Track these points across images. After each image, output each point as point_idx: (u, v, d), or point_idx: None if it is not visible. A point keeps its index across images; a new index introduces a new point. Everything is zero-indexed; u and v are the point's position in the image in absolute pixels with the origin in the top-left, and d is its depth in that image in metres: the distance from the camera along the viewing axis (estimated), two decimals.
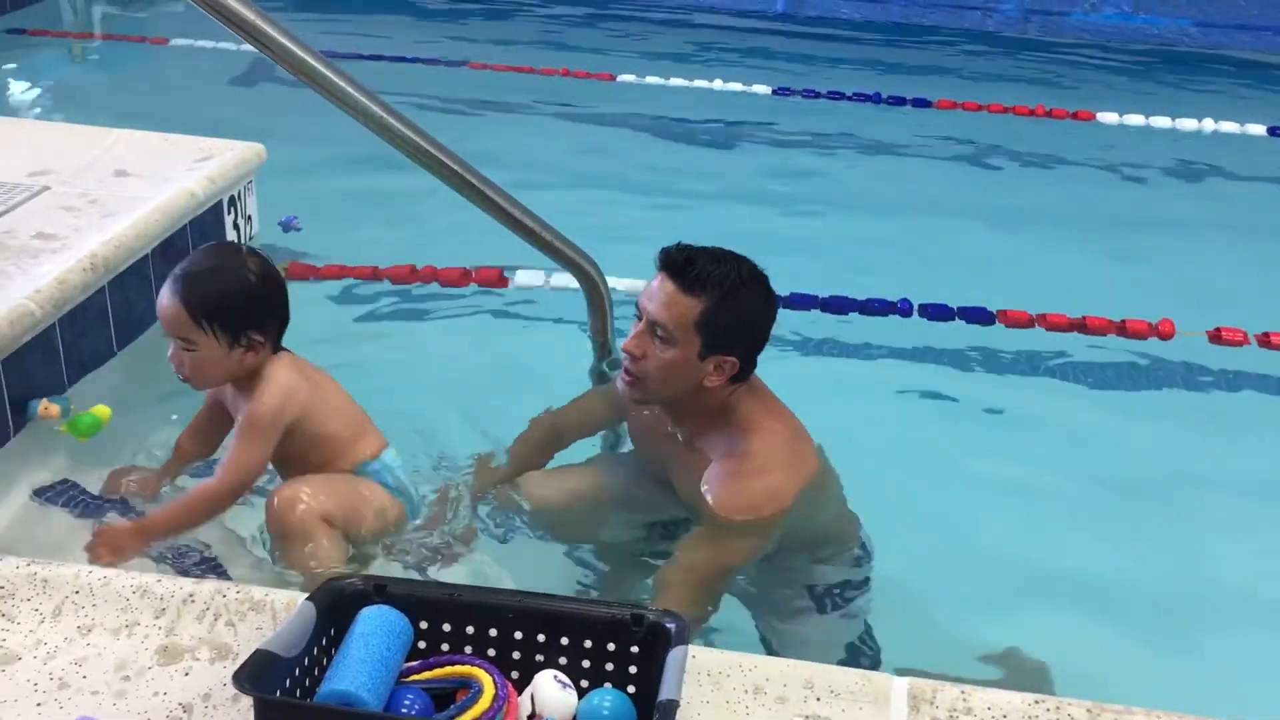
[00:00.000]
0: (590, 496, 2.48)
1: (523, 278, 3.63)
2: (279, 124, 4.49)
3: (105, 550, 2.17)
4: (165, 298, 2.18)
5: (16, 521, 2.37)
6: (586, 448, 2.67)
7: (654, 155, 4.89)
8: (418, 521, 2.40)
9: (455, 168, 2.65)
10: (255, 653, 1.34)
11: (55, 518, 2.41)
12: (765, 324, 2.22)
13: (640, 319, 2.20)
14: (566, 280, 3.55)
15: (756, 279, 2.19)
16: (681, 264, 2.15)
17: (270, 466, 2.32)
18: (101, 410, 2.44)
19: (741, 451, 2.22)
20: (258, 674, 1.31)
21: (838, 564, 2.39)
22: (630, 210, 4.24)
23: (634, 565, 2.50)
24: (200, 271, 2.17)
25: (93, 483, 2.48)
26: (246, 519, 2.36)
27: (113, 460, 2.53)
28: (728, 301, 2.13)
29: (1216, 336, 3.45)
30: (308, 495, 2.20)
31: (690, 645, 1.47)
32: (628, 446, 2.64)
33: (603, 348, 3.03)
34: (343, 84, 2.44)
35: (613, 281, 3.00)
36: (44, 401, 2.50)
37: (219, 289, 2.15)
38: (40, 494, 2.43)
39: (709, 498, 2.22)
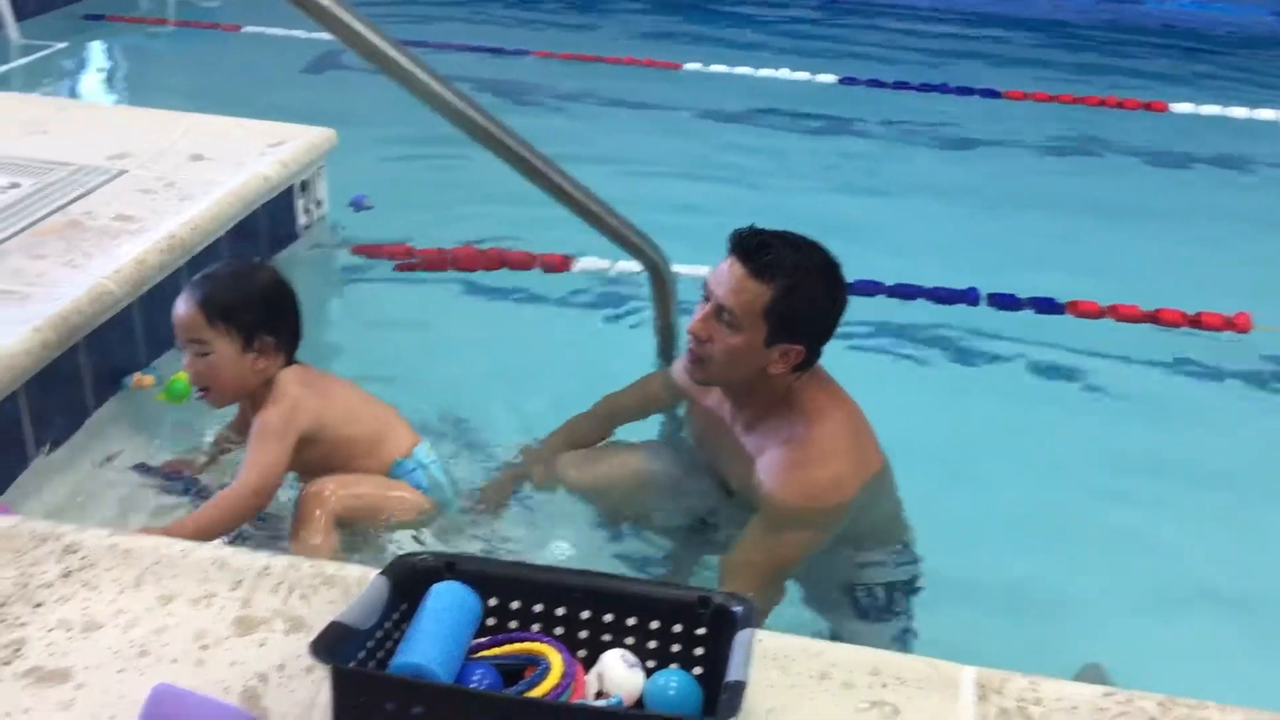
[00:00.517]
0: (628, 481, 2.46)
1: (586, 263, 3.65)
2: (347, 109, 4.54)
3: None
4: (180, 304, 2.23)
5: (88, 491, 2.44)
6: (642, 433, 2.66)
7: (719, 144, 4.88)
8: (453, 513, 2.40)
9: (524, 153, 2.66)
10: (331, 624, 1.37)
11: (124, 489, 2.47)
12: (834, 314, 2.18)
13: (707, 300, 2.17)
14: (631, 266, 3.58)
15: (828, 267, 2.15)
16: (753, 248, 2.11)
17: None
18: (183, 376, 2.48)
19: (803, 438, 2.18)
20: (333, 645, 1.34)
21: (882, 564, 2.34)
22: (694, 198, 4.23)
23: (680, 554, 2.48)
24: (214, 276, 2.25)
25: (157, 457, 2.55)
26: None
27: (183, 438, 2.60)
28: (797, 290, 2.10)
29: None
30: (331, 493, 2.23)
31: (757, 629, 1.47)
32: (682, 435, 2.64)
33: (666, 334, 3.03)
34: (417, 70, 2.45)
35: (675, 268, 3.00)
36: (136, 375, 2.60)
37: (232, 289, 2.21)
38: (117, 465, 2.50)
39: (768, 485, 2.19)
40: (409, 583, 1.52)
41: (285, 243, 3.47)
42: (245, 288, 2.23)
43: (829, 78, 5.58)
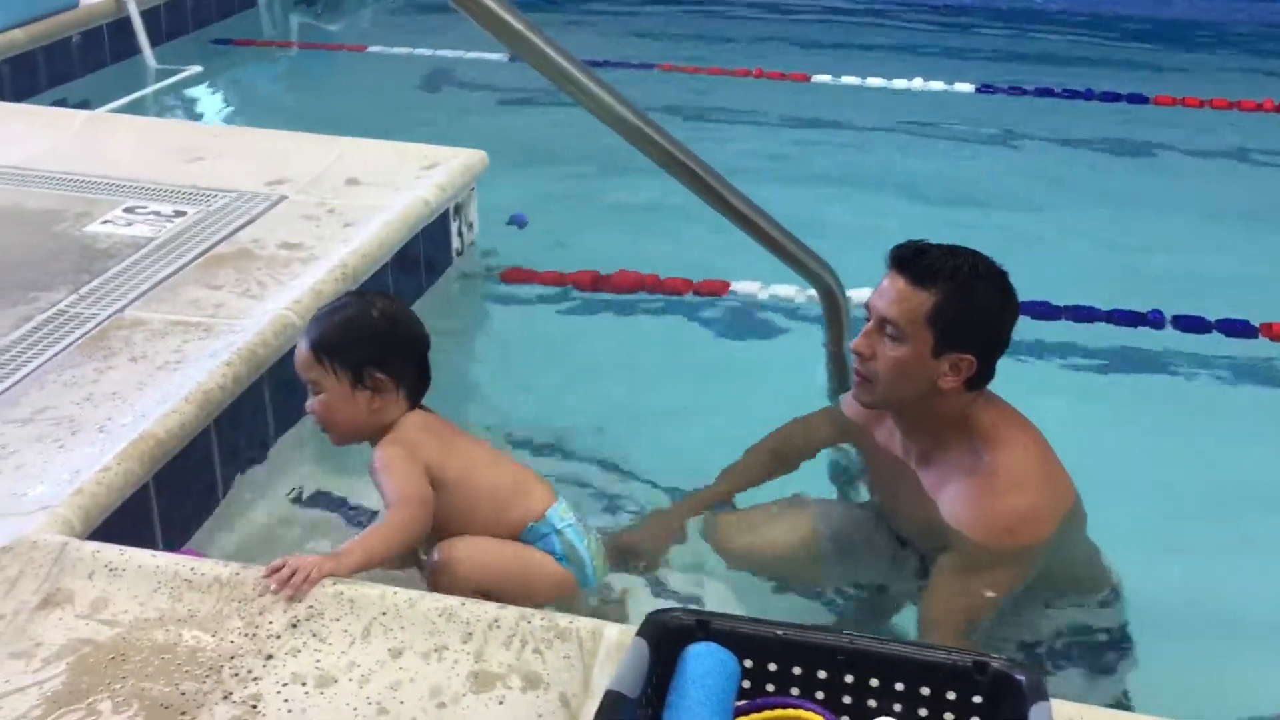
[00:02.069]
0: (796, 551, 2.29)
1: (743, 288, 3.55)
2: (474, 128, 4.52)
3: (287, 579, 1.81)
4: (299, 341, 2.16)
5: (276, 527, 2.41)
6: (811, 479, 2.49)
7: (855, 159, 4.75)
8: (591, 587, 2.19)
9: (706, 177, 2.59)
10: (607, 694, 1.30)
11: (310, 521, 2.44)
12: (1004, 321, 2.06)
13: (870, 319, 2.08)
14: (790, 292, 3.49)
15: (993, 273, 2.05)
16: (911, 257, 2.03)
17: None
18: None
19: (989, 467, 2.05)
20: (613, 717, 1.26)
21: (1076, 610, 2.20)
22: (834, 217, 4.11)
23: (857, 617, 2.34)
24: (324, 312, 2.15)
25: (342, 488, 2.50)
26: None
27: (361, 467, 2.55)
28: (961, 295, 2.00)
29: None
30: (467, 563, 2.03)
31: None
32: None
33: (839, 361, 2.92)
34: (601, 92, 2.40)
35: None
36: None
37: (339, 325, 2.09)
38: (297, 499, 2.47)
39: (956, 522, 2.06)
40: (663, 644, 1.45)
41: (441, 268, 3.44)
42: (353, 323, 2.10)
43: (966, 86, 5.42)
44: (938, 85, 5.43)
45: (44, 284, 2.72)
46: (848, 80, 5.54)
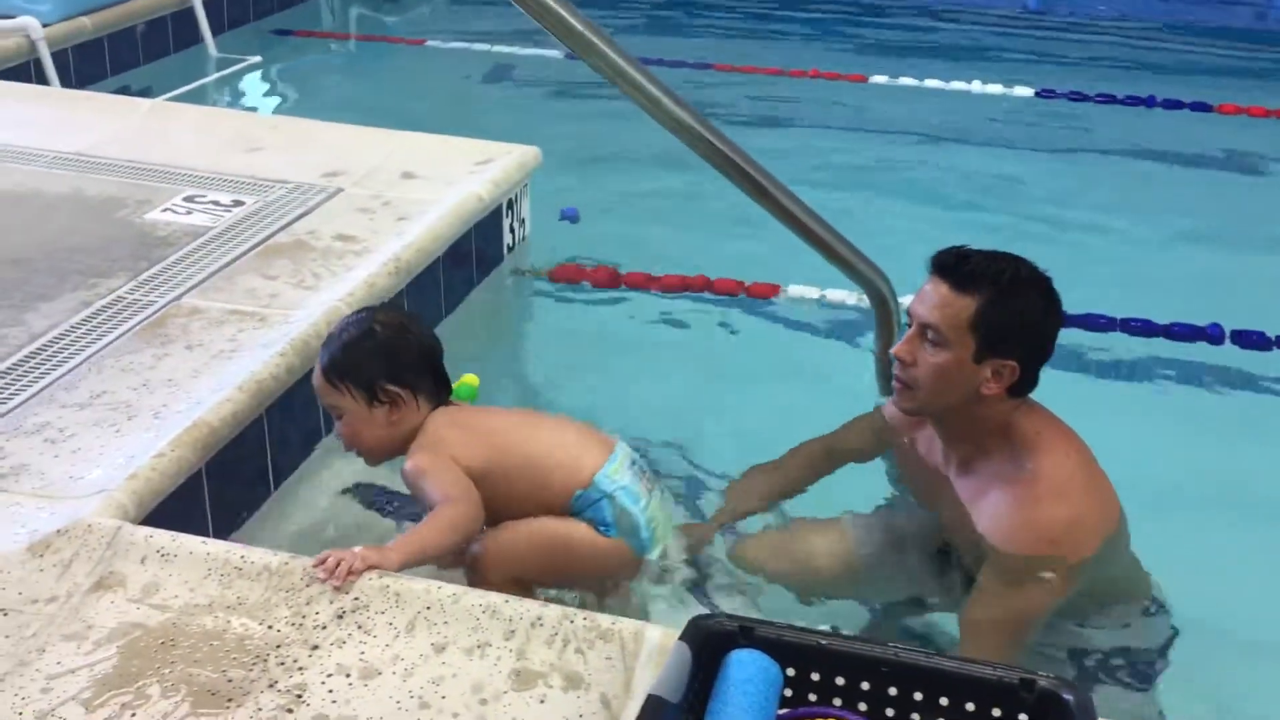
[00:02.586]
0: (831, 570, 2.26)
1: (795, 291, 3.53)
2: (529, 124, 4.52)
3: (335, 569, 1.79)
4: (314, 371, 2.16)
5: (324, 516, 2.43)
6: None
7: (913, 161, 4.71)
8: (652, 556, 2.14)
9: (760, 179, 2.58)
10: (649, 698, 1.30)
11: (357, 513, 2.46)
12: (1047, 327, 2.02)
13: (912, 325, 2.06)
14: (841, 296, 3.46)
15: (1036, 278, 2.02)
16: (953, 263, 2.01)
17: None
18: (471, 379, 2.37)
19: (1031, 475, 2.00)
20: None
21: (1116, 626, 2.15)
22: (887, 222, 4.07)
23: (903, 624, 2.31)
24: (331, 335, 2.15)
25: (394, 481, 2.51)
26: None
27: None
28: (1004, 299, 1.97)
29: None
30: (494, 555, 2.01)
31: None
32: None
33: (887, 364, 2.89)
34: (656, 91, 2.39)
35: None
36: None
37: (343, 345, 2.09)
38: (347, 491, 2.49)
39: (997, 532, 2.01)
40: (706, 649, 1.44)
41: (493, 264, 3.45)
42: (358, 343, 2.09)
43: (1026, 90, 5.35)
44: (996, 89, 5.38)
45: (104, 270, 2.76)
46: (905, 81, 5.50)
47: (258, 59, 5.67)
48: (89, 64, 5.12)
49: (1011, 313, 1.98)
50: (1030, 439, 2.04)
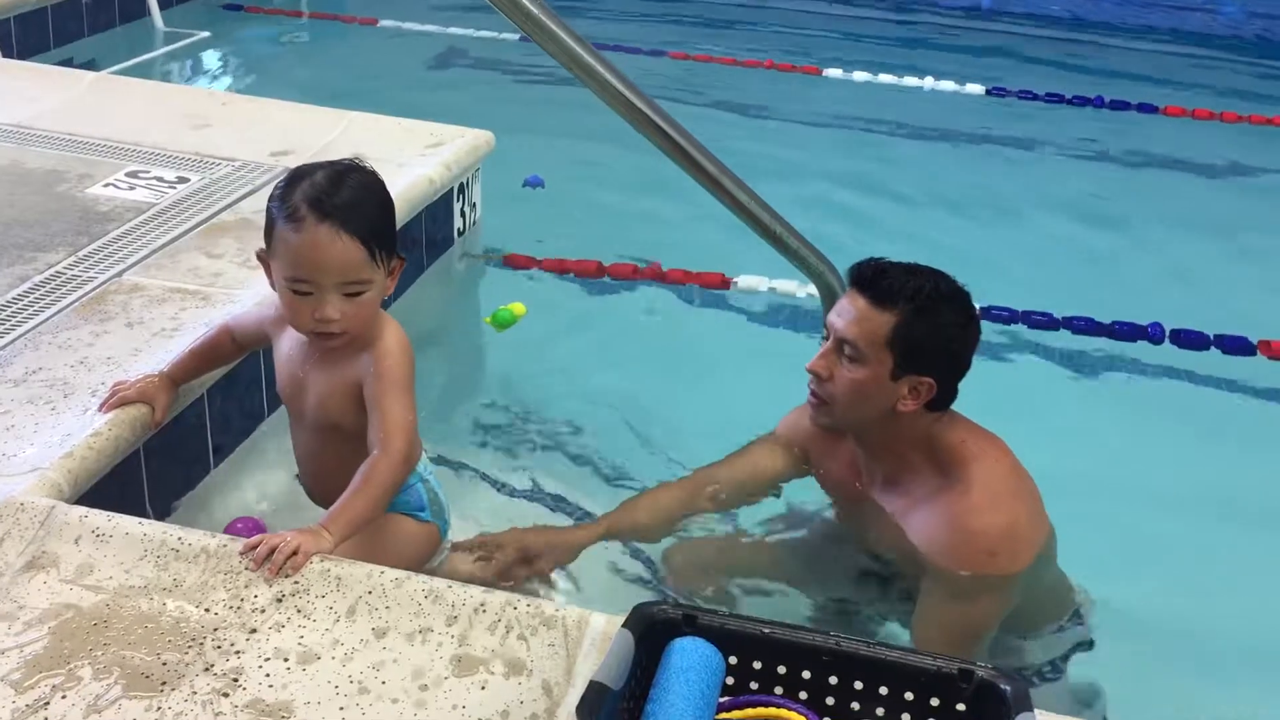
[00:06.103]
0: (758, 579, 2.23)
1: (746, 282, 3.54)
2: (483, 108, 4.48)
3: (264, 558, 1.69)
4: (328, 239, 1.71)
5: (265, 497, 2.40)
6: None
7: (860, 156, 4.73)
8: (446, 544, 2.05)
9: (712, 168, 2.57)
10: (591, 684, 1.29)
11: (299, 494, 2.42)
12: (965, 344, 2.00)
13: (828, 338, 2.03)
14: (791, 287, 3.47)
15: (955, 295, 2.00)
16: (871, 277, 1.98)
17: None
18: (518, 307, 2.29)
19: (962, 486, 1.97)
20: (597, 708, 1.26)
21: (1047, 639, 2.15)
22: (837, 215, 4.07)
23: (846, 625, 2.24)
24: (353, 198, 1.75)
25: None
26: None
27: None
28: (922, 316, 1.95)
29: None
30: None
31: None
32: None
33: None
34: (609, 76, 2.38)
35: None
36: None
37: (380, 207, 1.75)
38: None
39: (932, 545, 1.99)
40: (648, 636, 1.44)
41: (443, 247, 3.42)
42: (387, 205, 1.76)
43: (977, 88, 5.40)
44: (948, 85, 5.42)
45: (42, 245, 2.70)
46: (858, 76, 5.52)
47: (206, 34, 5.57)
48: (31, 34, 5.00)
49: (929, 329, 1.97)
50: (955, 449, 2.02)
